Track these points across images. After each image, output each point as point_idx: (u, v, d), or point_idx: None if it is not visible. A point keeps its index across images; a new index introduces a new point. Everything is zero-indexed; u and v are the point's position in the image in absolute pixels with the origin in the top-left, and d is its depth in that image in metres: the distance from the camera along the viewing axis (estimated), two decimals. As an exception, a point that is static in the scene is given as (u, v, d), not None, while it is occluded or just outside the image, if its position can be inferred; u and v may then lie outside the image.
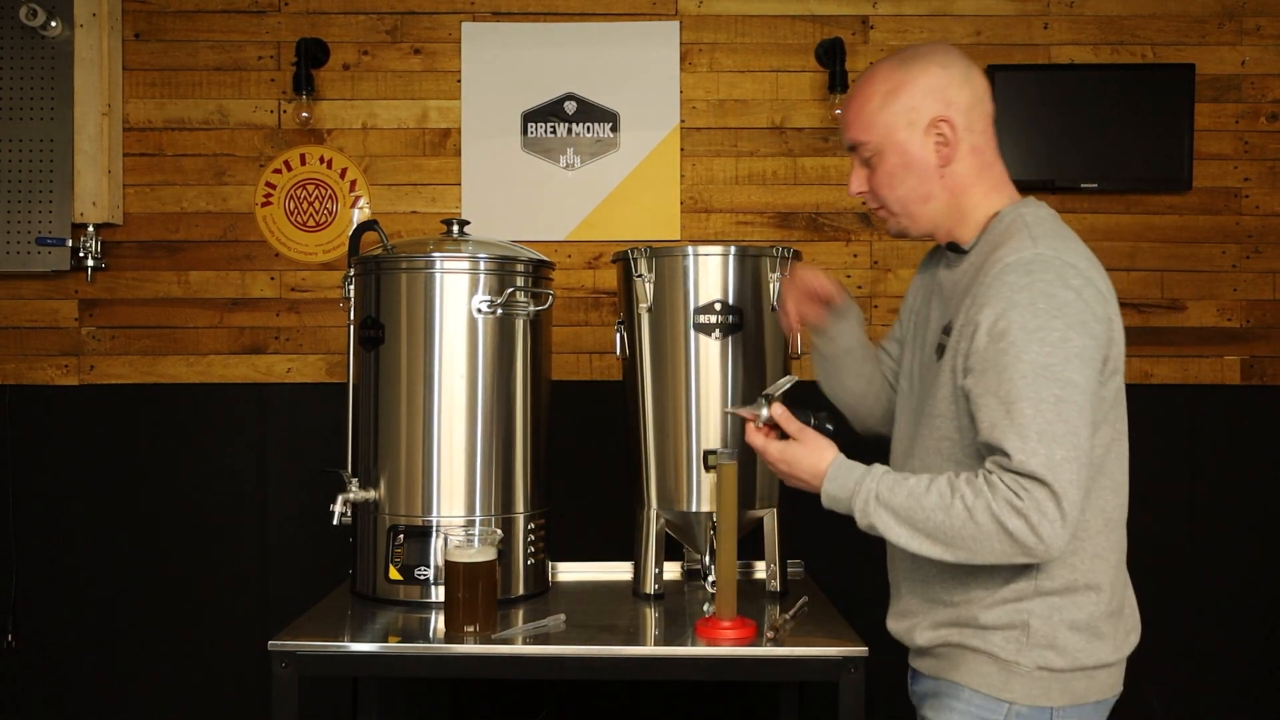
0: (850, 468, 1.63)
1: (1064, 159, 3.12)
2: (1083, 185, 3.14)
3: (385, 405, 2.24)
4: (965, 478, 1.52)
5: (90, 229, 3.11)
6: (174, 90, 3.19)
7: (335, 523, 2.22)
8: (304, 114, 3.18)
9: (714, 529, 2.14)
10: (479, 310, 2.23)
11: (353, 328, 2.31)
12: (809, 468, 1.67)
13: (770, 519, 2.32)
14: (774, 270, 2.28)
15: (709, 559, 2.23)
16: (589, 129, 3.19)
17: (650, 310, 2.29)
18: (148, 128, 3.19)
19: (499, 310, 2.23)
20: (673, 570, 2.50)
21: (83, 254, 3.11)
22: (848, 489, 1.61)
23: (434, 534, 2.20)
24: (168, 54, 3.19)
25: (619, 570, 2.49)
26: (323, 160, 3.20)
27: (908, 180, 1.67)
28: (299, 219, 3.20)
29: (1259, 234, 3.20)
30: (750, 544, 2.31)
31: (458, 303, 2.22)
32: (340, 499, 2.22)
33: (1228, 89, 3.18)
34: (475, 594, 1.99)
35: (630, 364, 2.37)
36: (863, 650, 1.91)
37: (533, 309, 2.29)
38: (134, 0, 3.17)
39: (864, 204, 1.76)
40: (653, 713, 3.15)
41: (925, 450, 1.66)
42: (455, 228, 2.38)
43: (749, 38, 3.19)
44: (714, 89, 3.19)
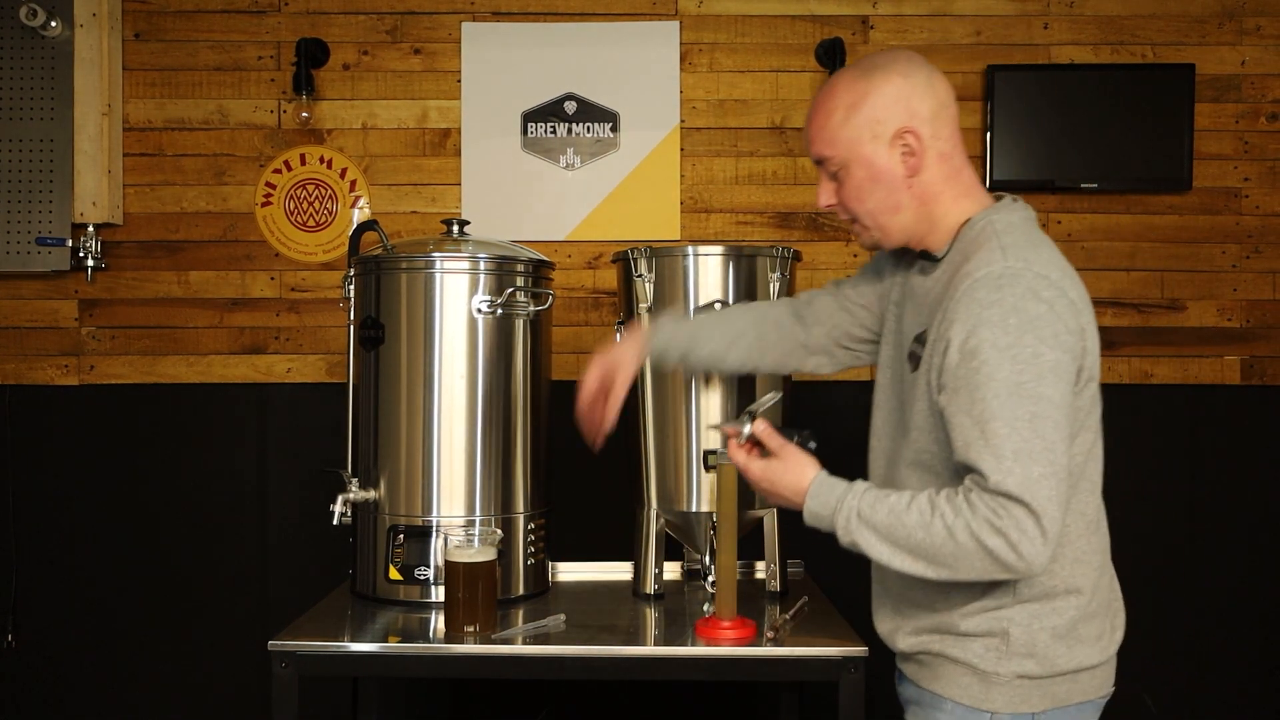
0: (832, 485, 1.62)
1: (1064, 159, 3.12)
2: (1083, 185, 3.14)
3: (385, 405, 2.25)
4: (945, 495, 1.51)
5: (90, 229, 3.11)
6: (174, 90, 3.19)
7: (335, 523, 2.22)
8: (304, 114, 3.18)
9: (714, 529, 2.15)
10: (479, 310, 2.23)
11: (353, 328, 2.31)
12: (791, 485, 1.66)
13: (770, 519, 2.32)
14: (774, 270, 2.28)
15: (709, 559, 2.23)
16: (589, 129, 3.19)
17: (650, 310, 2.29)
18: (148, 128, 3.19)
19: (499, 310, 2.24)
20: (673, 570, 2.50)
21: (83, 254, 3.11)
22: (829, 506, 1.59)
23: (434, 534, 2.20)
24: (168, 54, 3.19)
25: (619, 570, 2.49)
26: (323, 160, 3.20)
27: (876, 193, 1.65)
28: (299, 219, 3.20)
29: (1259, 234, 3.19)
30: (750, 544, 2.31)
31: (458, 303, 2.22)
32: (340, 499, 2.22)
33: (1228, 89, 3.18)
34: (475, 594, 1.99)
35: (630, 364, 2.36)
36: (863, 650, 1.91)
37: (533, 309, 2.29)
38: (134, 0, 3.17)
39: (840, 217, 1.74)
40: (653, 713, 3.15)
41: (906, 461, 1.65)
42: (455, 228, 2.38)
43: (749, 38, 3.19)
44: (714, 89, 3.19)
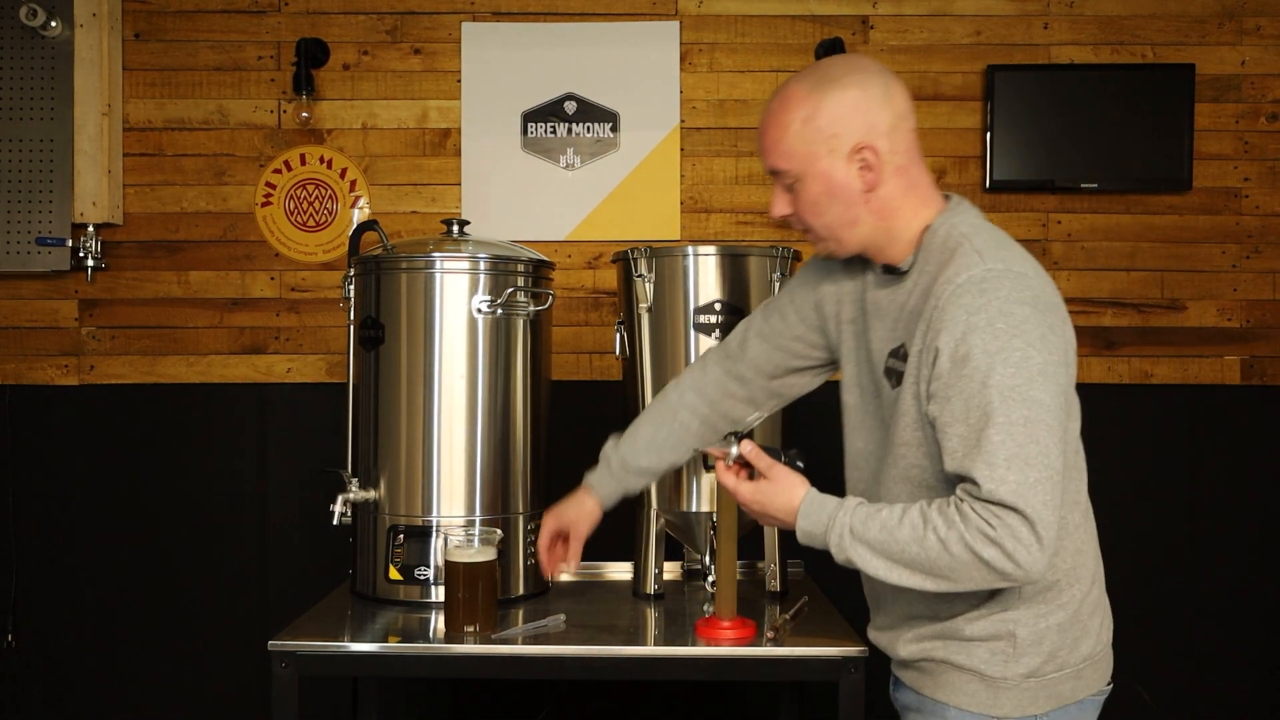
0: (823, 502, 1.61)
1: (1064, 159, 3.12)
2: (1083, 185, 3.14)
3: (385, 405, 2.24)
4: (937, 506, 1.50)
5: (90, 229, 3.11)
6: (174, 90, 3.19)
7: (335, 523, 2.22)
8: (304, 114, 3.18)
9: (714, 529, 2.15)
10: (479, 310, 2.23)
11: (353, 328, 2.31)
12: (782, 505, 1.65)
13: (770, 519, 2.32)
14: (774, 270, 2.28)
15: (709, 559, 2.23)
16: (589, 129, 3.19)
17: (650, 310, 2.29)
18: (148, 128, 3.19)
19: (499, 310, 2.23)
20: (673, 570, 2.50)
21: (83, 254, 3.11)
22: (822, 524, 1.58)
23: (434, 534, 2.20)
24: (168, 54, 3.19)
25: (619, 570, 2.49)
26: (323, 160, 3.20)
27: (833, 208, 1.63)
28: (299, 219, 3.20)
29: (1259, 234, 3.20)
30: (750, 544, 2.31)
31: (458, 303, 2.22)
32: (340, 499, 2.22)
33: (1228, 89, 3.18)
34: (475, 594, 1.99)
35: (630, 364, 2.37)
36: (863, 650, 1.90)
37: (533, 309, 2.29)
38: (134, 0, 3.17)
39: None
40: (653, 713, 3.15)
41: (893, 479, 1.63)
42: (455, 228, 2.38)
43: (749, 38, 3.19)
44: (714, 89, 3.19)
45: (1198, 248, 3.19)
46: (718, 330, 2.23)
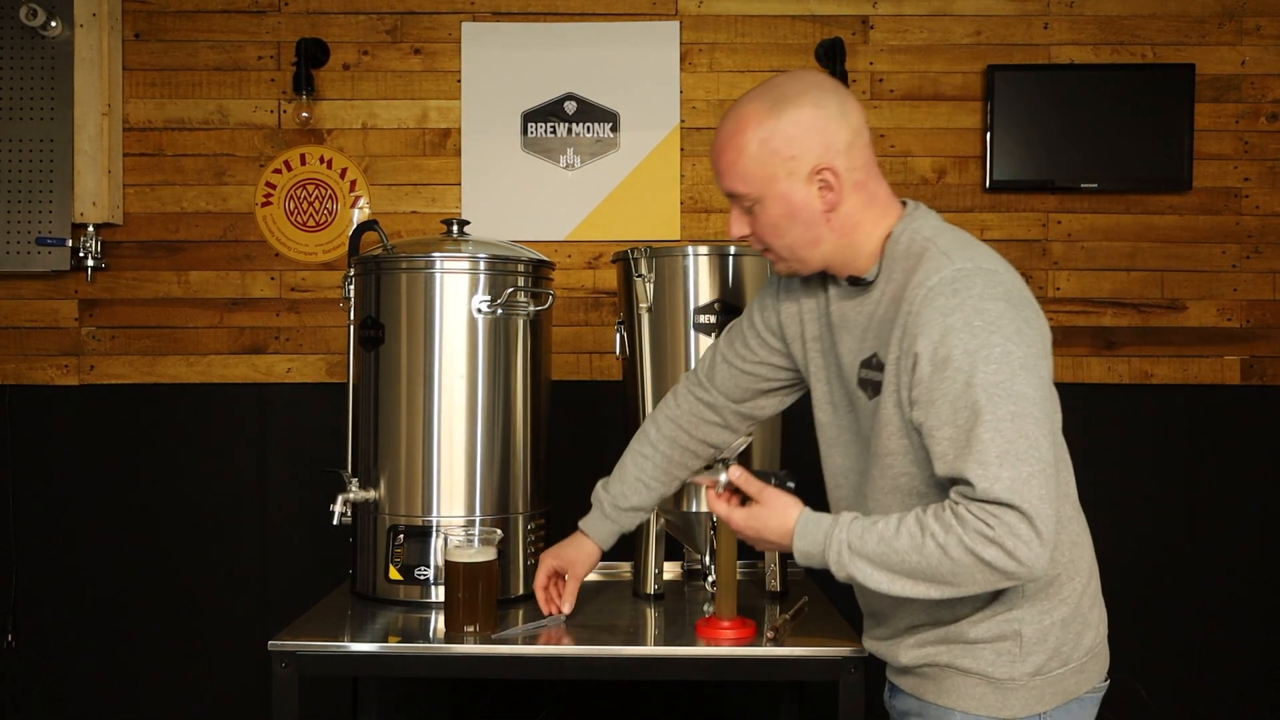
0: (817, 521, 1.58)
1: (1064, 159, 3.12)
2: (1083, 185, 3.14)
3: (385, 405, 2.24)
4: (933, 512, 1.48)
5: (90, 229, 3.11)
6: (174, 90, 3.19)
7: (335, 523, 2.22)
8: (304, 114, 3.18)
9: (714, 529, 2.14)
10: (479, 310, 2.22)
11: (353, 328, 2.31)
12: (777, 529, 1.62)
13: (770, 519, 2.32)
14: (773, 270, 2.27)
15: (709, 559, 2.23)
16: (589, 129, 3.19)
17: (650, 310, 2.29)
18: (148, 128, 3.19)
19: (499, 310, 2.23)
20: (673, 570, 2.49)
21: (83, 254, 3.11)
22: (819, 544, 1.56)
23: (434, 534, 2.20)
24: (168, 54, 3.19)
25: (619, 570, 2.49)
26: (323, 160, 3.20)
27: (794, 229, 1.62)
28: (299, 219, 3.20)
29: (1259, 234, 3.20)
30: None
31: (458, 303, 2.22)
32: (340, 499, 2.22)
33: (1228, 89, 3.18)
34: (475, 594, 1.99)
35: (630, 364, 2.36)
36: (863, 650, 1.90)
37: (533, 309, 2.29)
38: (134, 0, 3.17)
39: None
40: (653, 713, 3.15)
41: (881, 490, 1.62)
42: (455, 228, 2.38)
43: (749, 38, 3.19)
44: (714, 89, 3.19)
45: (1198, 248, 3.19)
46: (718, 330, 2.23)
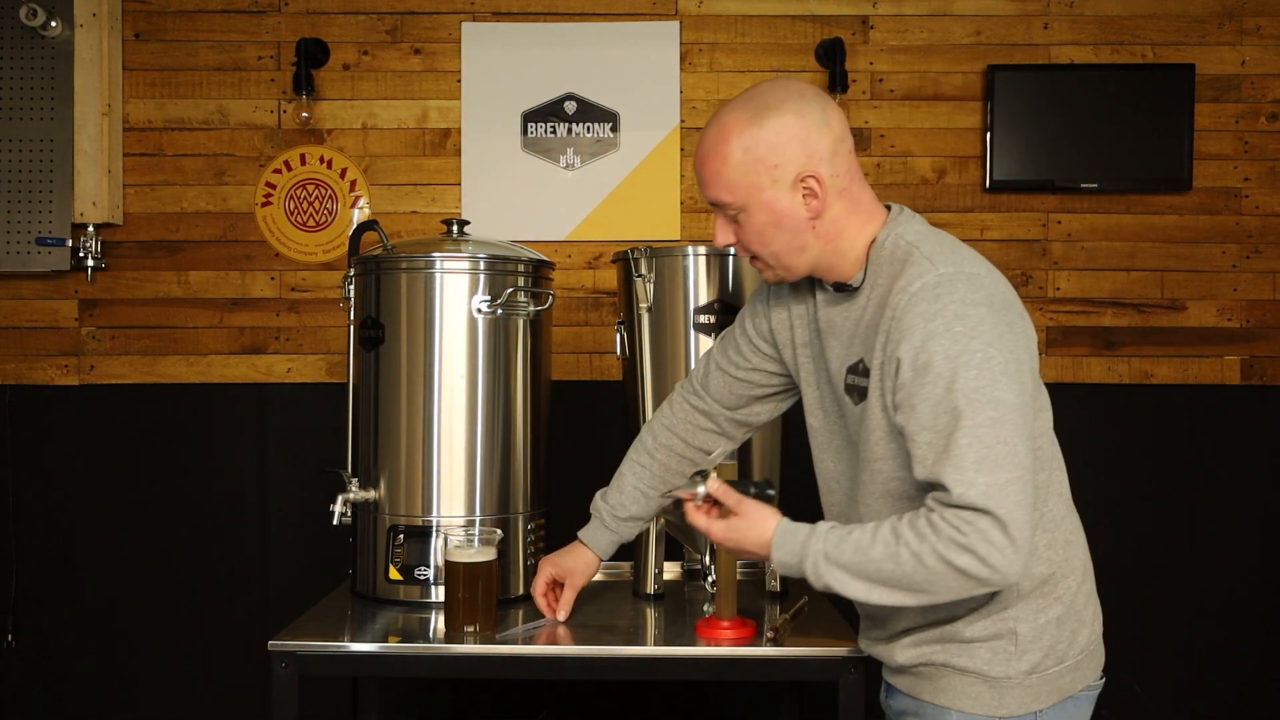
0: (794, 532, 1.59)
1: (1064, 159, 3.12)
2: (1083, 185, 3.14)
3: (385, 405, 2.24)
4: (908, 521, 1.48)
5: (90, 229, 3.11)
6: (174, 90, 3.19)
7: (335, 523, 2.22)
8: (304, 114, 3.18)
9: (714, 529, 2.14)
10: (479, 310, 2.22)
11: (353, 328, 2.31)
12: (755, 539, 1.64)
13: (770, 519, 2.32)
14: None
15: (709, 559, 2.23)
16: (589, 129, 3.19)
17: (650, 310, 2.29)
18: (148, 128, 3.19)
19: (499, 310, 2.23)
20: (673, 570, 2.49)
21: (83, 254, 3.11)
22: (796, 554, 1.57)
23: (434, 534, 2.20)
24: (168, 54, 3.19)
25: (619, 570, 2.49)
26: (323, 160, 3.20)
27: (780, 236, 1.63)
28: (299, 219, 3.20)
29: (1259, 234, 3.20)
30: (750, 544, 2.30)
31: (458, 303, 2.22)
32: (340, 499, 2.22)
33: (1228, 89, 3.18)
34: (475, 594, 1.99)
35: (630, 364, 2.36)
36: (862, 650, 1.90)
37: (533, 309, 2.29)
38: (134, 0, 3.17)
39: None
40: (653, 713, 3.15)
41: (872, 495, 1.63)
42: (455, 228, 2.38)
43: (749, 38, 3.19)
44: (714, 89, 3.19)
45: (1198, 248, 3.19)
46: (717, 330, 2.23)
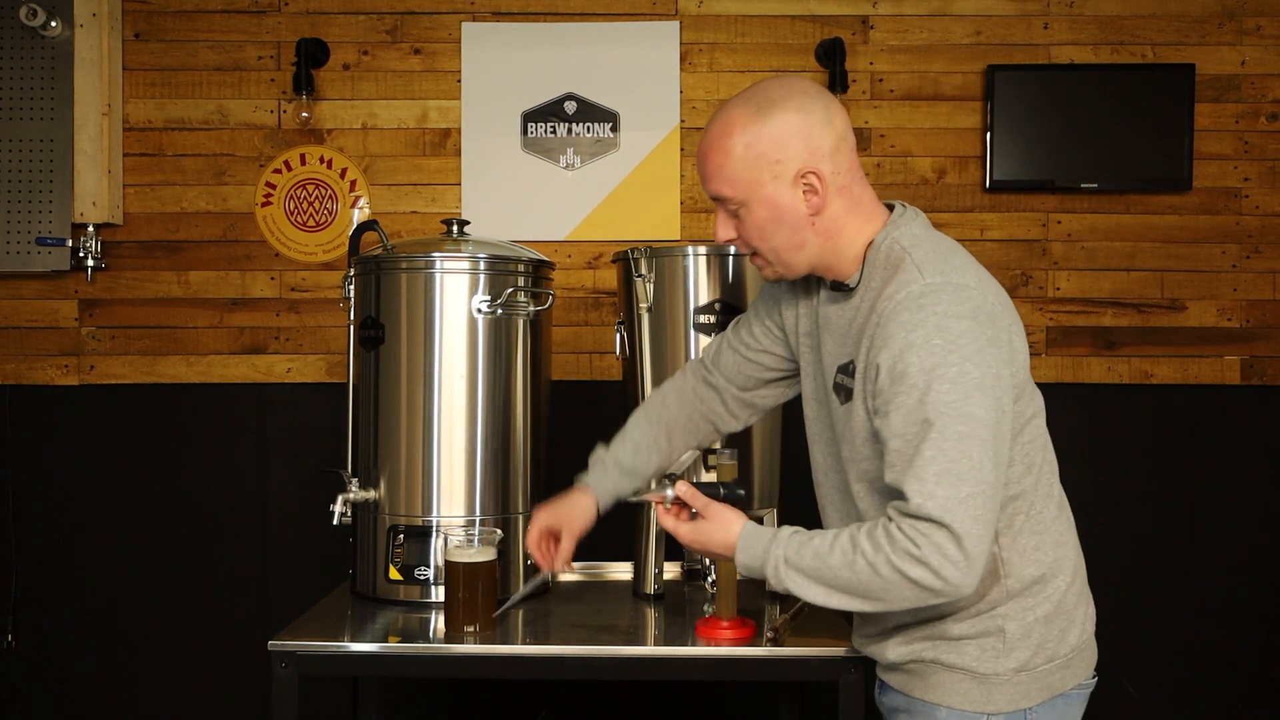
0: (758, 536, 1.62)
1: (1064, 159, 3.12)
2: (1083, 185, 3.14)
3: (385, 405, 2.24)
4: (865, 530, 1.51)
5: (90, 229, 3.11)
6: (174, 90, 3.19)
7: (335, 523, 2.22)
8: (304, 114, 3.18)
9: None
10: (479, 310, 2.23)
11: (353, 328, 2.31)
12: (720, 542, 1.67)
13: (770, 519, 2.32)
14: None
15: (709, 559, 2.23)
16: (589, 129, 3.19)
17: (650, 310, 2.29)
18: (148, 128, 3.19)
19: (499, 310, 2.23)
20: (673, 570, 2.50)
21: (83, 254, 3.11)
22: (758, 557, 1.60)
23: (434, 534, 2.20)
24: (168, 54, 3.19)
25: (619, 570, 2.49)
26: (323, 160, 3.20)
27: (780, 232, 1.63)
28: (299, 219, 3.20)
29: (1259, 234, 3.20)
30: (750, 544, 2.30)
31: (458, 303, 2.22)
32: (340, 499, 2.22)
33: (1228, 89, 3.18)
34: (475, 594, 1.99)
35: (630, 364, 2.36)
36: (856, 648, 1.90)
37: (533, 309, 2.29)
38: (134, 0, 3.17)
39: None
40: (653, 713, 3.15)
41: (862, 493, 1.65)
42: (455, 228, 2.38)
43: (749, 38, 3.19)
44: (714, 89, 3.19)
45: (1198, 248, 3.19)
46: (717, 330, 2.23)
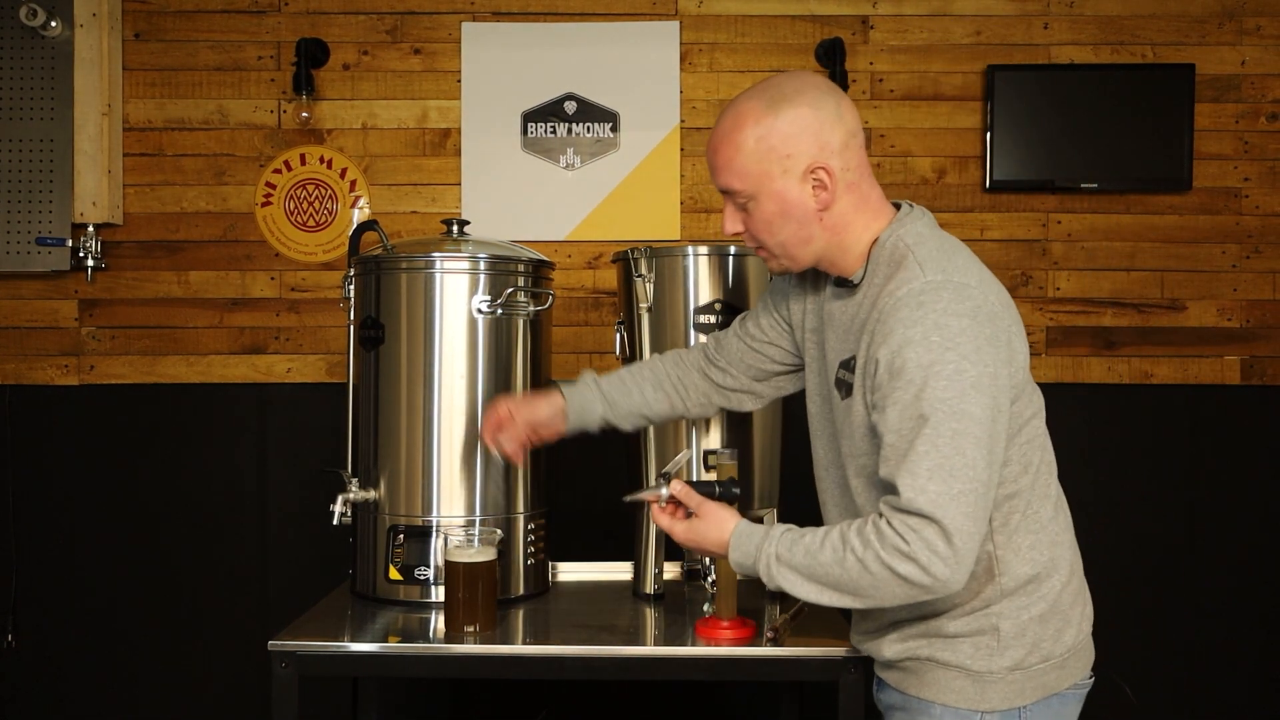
0: (750, 534, 1.64)
1: (1064, 159, 3.12)
2: (1083, 185, 3.14)
3: (385, 405, 2.24)
4: (855, 528, 1.53)
5: (90, 229, 3.12)
6: (174, 90, 3.19)
7: (335, 523, 2.22)
8: (304, 114, 3.18)
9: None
10: (479, 310, 2.22)
11: (353, 328, 2.31)
12: (714, 540, 1.69)
13: (770, 519, 2.32)
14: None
15: (709, 559, 2.23)
16: (589, 129, 3.19)
17: (650, 310, 2.29)
18: (148, 128, 3.19)
19: (499, 310, 2.23)
20: (673, 570, 2.49)
21: (83, 254, 3.12)
22: (751, 555, 1.62)
23: (434, 534, 2.20)
24: (168, 54, 3.19)
25: (619, 570, 2.49)
26: (323, 160, 3.20)
27: (787, 226, 1.65)
28: (299, 219, 3.20)
29: (1259, 234, 3.20)
30: (750, 544, 2.30)
31: (458, 303, 2.22)
32: (340, 499, 2.22)
33: (1228, 89, 3.18)
34: (475, 594, 1.99)
35: (630, 364, 2.36)
36: (853, 644, 1.90)
37: (533, 309, 2.29)
38: (134, 0, 3.17)
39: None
40: (653, 713, 3.15)
41: (858, 490, 1.66)
42: (455, 228, 2.38)
43: (749, 38, 3.19)
44: (714, 89, 3.19)
45: (1198, 248, 3.19)
46: (717, 330, 2.23)
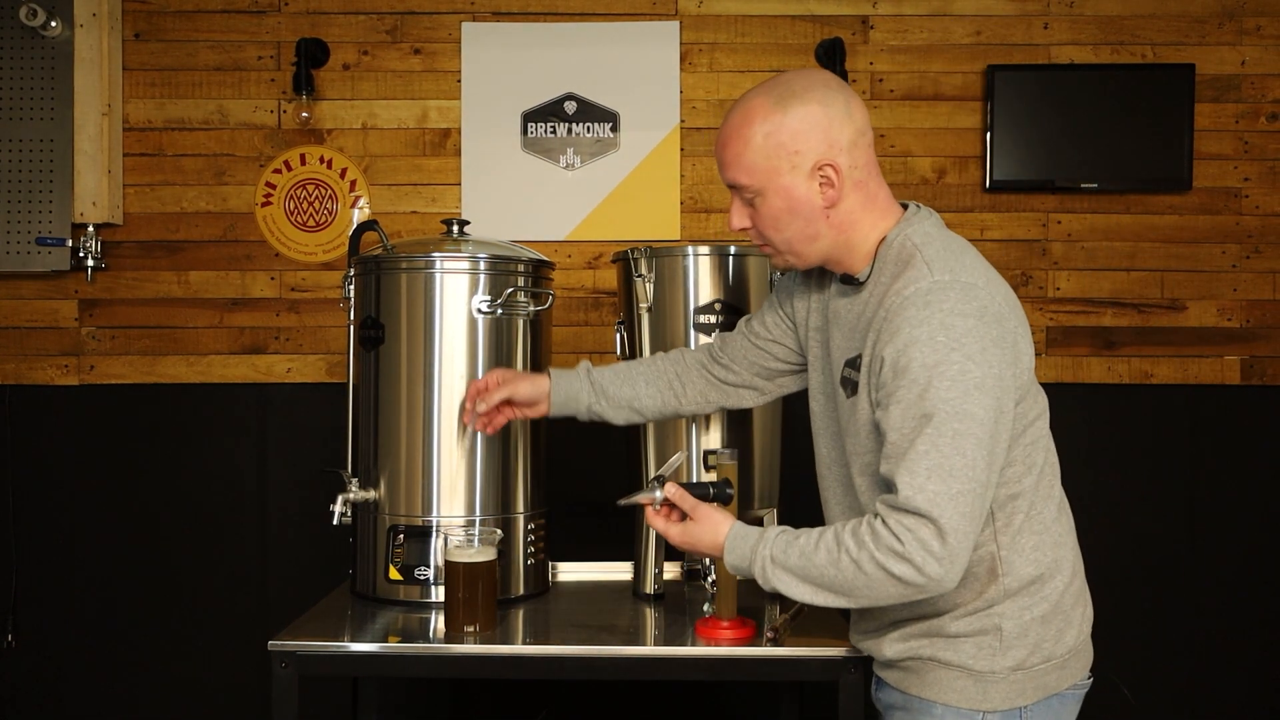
0: (745, 536, 1.65)
1: (1064, 159, 3.12)
2: (1083, 185, 3.14)
3: (385, 405, 2.24)
4: (850, 529, 1.53)
5: (90, 229, 3.11)
6: (174, 90, 3.19)
7: (335, 523, 2.22)
8: (304, 114, 3.18)
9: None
10: (479, 310, 2.22)
11: (353, 328, 2.31)
12: (709, 543, 1.70)
13: (770, 519, 2.32)
14: (774, 271, 2.27)
15: (709, 559, 2.23)
16: (589, 129, 3.19)
17: (650, 310, 2.29)
18: (148, 128, 3.19)
19: (499, 310, 2.23)
20: (673, 570, 2.49)
21: (83, 254, 3.11)
22: (745, 557, 1.63)
23: (434, 534, 2.20)
24: (168, 54, 3.19)
25: (619, 570, 2.49)
26: (323, 160, 3.20)
27: (794, 223, 1.65)
28: (299, 219, 3.20)
29: (1259, 234, 3.20)
30: (750, 544, 2.30)
31: (458, 303, 2.22)
32: (340, 499, 2.22)
33: (1228, 89, 3.18)
34: (475, 594, 1.99)
35: (630, 364, 2.36)
36: (853, 644, 1.90)
37: (533, 309, 2.29)
38: (134, 0, 3.17)
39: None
40: (653, 713, 3.15)
41: (864, 488, 1.66)
42: (455, 228, 2.38)
43: (749, 38, 3.19)
44: (714, 89, 3.19)
45: (1198, 248, 3.19)
46: (717, 330, 2.23)
